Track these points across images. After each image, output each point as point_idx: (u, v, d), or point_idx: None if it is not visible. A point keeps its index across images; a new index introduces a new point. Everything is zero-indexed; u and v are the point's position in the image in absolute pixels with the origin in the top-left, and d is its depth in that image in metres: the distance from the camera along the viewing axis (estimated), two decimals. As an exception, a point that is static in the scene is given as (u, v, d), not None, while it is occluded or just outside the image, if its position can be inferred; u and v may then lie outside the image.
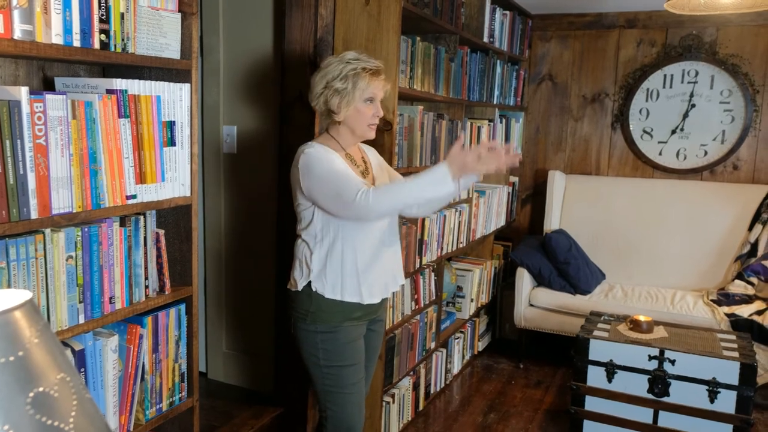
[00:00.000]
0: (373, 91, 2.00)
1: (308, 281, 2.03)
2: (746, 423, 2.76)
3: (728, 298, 3.68)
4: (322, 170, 1.93)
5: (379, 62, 2.05)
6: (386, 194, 1.89)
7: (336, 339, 2.04)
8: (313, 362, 2.07)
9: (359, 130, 2.04)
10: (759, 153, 4.13)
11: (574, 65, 4.57)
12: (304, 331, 2.06)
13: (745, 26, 4.05)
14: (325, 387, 2.08)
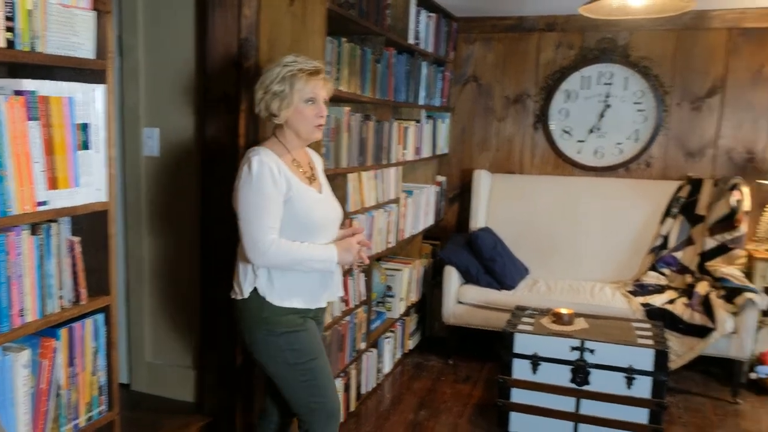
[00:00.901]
0: (312, 91, 2.00)
1: (254, 287, 2.01)
2: (661, 406, 2.92)
3: (643, 289, 3.87)
4: (254, 195, 1.93)
5: (317, 62, 2.05)
6: (286, 255, 1.94)
7: (301, 337, 2.04)
8: (283, 365, 2.03)
9: (304, 132, 2.05)
10: (669, 151, 4.36)
11: (497, 67, 4.69)
12: (263, 338, 2.02)
13: (655, 31, 4.27)
14: (305, 383, 2.05)
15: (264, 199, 1.93)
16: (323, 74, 2.04)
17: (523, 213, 4.40)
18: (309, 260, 1.98)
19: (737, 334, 3.50)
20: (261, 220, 1.92)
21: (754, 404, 3.61)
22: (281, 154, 2.04)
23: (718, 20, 4.15)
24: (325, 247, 2.03)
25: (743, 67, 4.17)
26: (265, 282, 2.00)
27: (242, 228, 1.96)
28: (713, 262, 3.91)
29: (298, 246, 1.98)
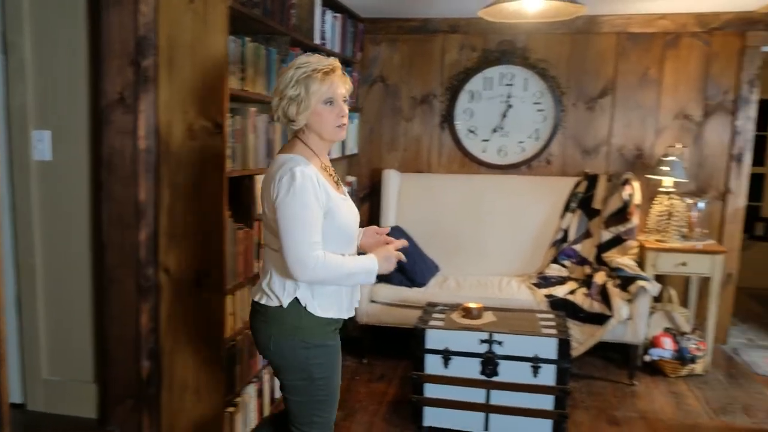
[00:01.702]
0: (329, 91, 1.91)
1: (295, 298, 1.95)
2: (565, 392, 3.05)
3: (546, 281, 4.05)
4: (298, 207, 1.84)
5: (332, 60, 1.96)
6: (331, 270, 1.88)
7: (328, 352, 2.02)
8: (304, 378, 1.99)
9: (326, 134, 1.96)
10: (567, 149, 4.58)
11: (403, 68, 4.76)
12: (292, 346, 1.96)
13: (551, 34, 4.48)
14: (317, 398, 2.02)
15: (308, 213, 1.85)
16: (339, 71, 1.94)
17: (432, 211, 4.49)
18: (355, 274, 1.94)
19: (632, 320, 3.73)
20: (306, 235, 1.84)
21: (648, 385, 3.86)
22: (310, 159, 1.94)
23: (607, 25, 4.40)
24: (366, 259, 1.97)
25: (631, 70, 4.44)
26: (307, 292, 1.95)
27: (285, 242, 1.86)
28: (609, 253, 4.14)
29: (343, 260, 1.93)
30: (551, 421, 3.05)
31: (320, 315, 1.96)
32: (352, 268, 1.93)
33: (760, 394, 3.78)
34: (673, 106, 4.41)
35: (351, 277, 1.94)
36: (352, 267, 1.93)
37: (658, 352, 3.98)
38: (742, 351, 4.45)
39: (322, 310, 1.97)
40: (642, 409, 3.55)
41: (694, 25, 4.29)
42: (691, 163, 4.39)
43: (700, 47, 4.33)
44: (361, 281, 1.98)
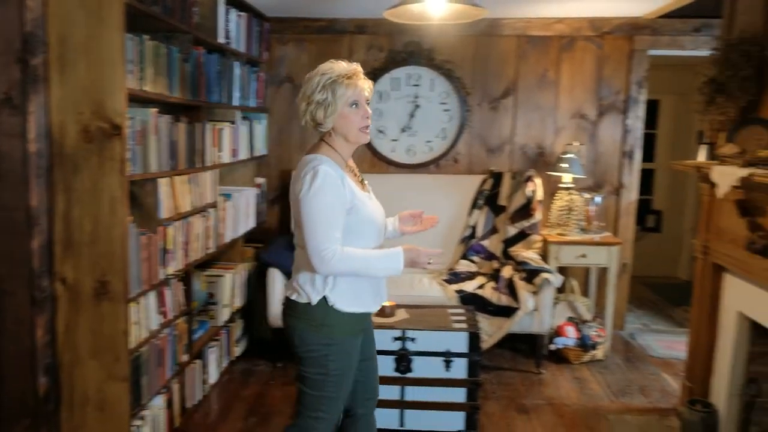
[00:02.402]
0: (354, 95, 2.01)
1: (324, 296, 2.06)
2: (476, 384, 3.14)
3: (456, 277, 4.15)
4: (322, 205, 1.95)
5: (355, 65, 2.06)
6: (349, 262, 1.98)
7: (346, 350, 2.12)
8: (320, 371, 2.10)
9: (352, 136, 2.06)
10: (473, 147, 4.71)
11: (311, 68, 4.64)
12: (315, 341, 2.08)
13: (456, 36, 4.59)
14: (326, 393, 2.12)
15: (328, 209, 1.96)
16: (362, 75, 2.05)
17: (344, 211, 4.49)
18: (377, 266, 2.03)
19: (537, 311, 3.89)
20: (325, 230, 1.95)
21: (554, 372, 4.04)
22: (338, 161, 2.05)
23: (508, 28, 4.56)
24: (391, 251, 2.04)
25: (531, 71, 4.63)
26: (334, 289, 2.05)
27: (306, 237, 1.97)
28: (515, 248, 4.30)
29: (364, 253, 2.03)
30: (464, 413, 3.13)
31: (345, 311, 2.07)
32: (374, 259, 2.03)
33: (655, 375, 4.04)
34: (569, 106, 4.64)
35: (373, 269, 2.04)
36: (375, 259, 2.03)
37: (562, 340, 4.17)
38: (638, 335, 4.74)
39: (347, 305, 2.07)
40: (549, 395, 3.71)
41: (588, 29, 4.53)
42: (588, 160, 4.63)
43: (593, 50, 4.57)
44: (385, 272, 2.06)
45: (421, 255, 2.08)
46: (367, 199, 2.12)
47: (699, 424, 3.15)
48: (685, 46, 4.48)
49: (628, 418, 3.42)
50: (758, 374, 3.01)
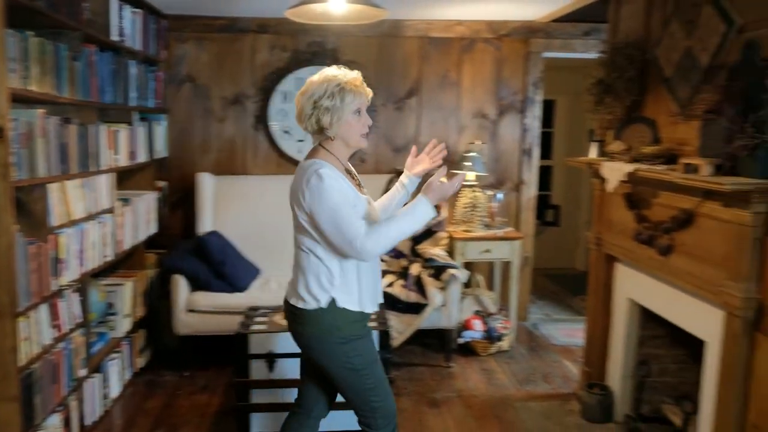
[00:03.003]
0: (359, 103, 2.06)
1: (332, 297, 2.09)
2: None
3: (366, 276, 4.17)
4: (334, 203, 1.99)
5: (357, 72, 2.10)
6: (381, 237, 2.00)
7: (365, 343, 2.18)
8: (350, 370, 2.14)
9: (353, 142, 2.12)
10: (379, 147, 4.76)
11: (213, 67, 4.61)
12: (332, 345, 2.12)
13: (359, 36, 4.61)
14: (368, 386, 2.17)
15: (341, 205, 2.00)
16: (360, 81, 2.09)
17: (251, 214, 4.41)
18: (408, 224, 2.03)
19: (446, 307, 3.98)
20: (348, 225, 1.98)
21: (463, 365, 4.15)
22: (336, 165, 2.09)
23: (411, 29, 4.64)
24: (414, 206, 2.04)
25: (433, 72, 4.73)
26: (340, 289, 2.10)
27: (331, 236, 2.01)
28: (422, 245, 4.38)
29: (388, 222, 2.03)
30: (376, 410, 3.15)
31: (351, 309, 2.11)
32: (403, 219, 2.04)
33: (557, 362, 4.24)
34: (471, 106, 4.78)
35: (407, 226, 2.04)
36: (403, 217, 2.04)
37: (470, 333, 4.29)
38: (541, 325, 4.96)
39: (355, 304, 2.12)
40: (458, 388, 3.80)
41: (487, 31, 4.68)
42: (489, 159, 4.78)
43: (492, 52, 4.73)
44: (421, 221, 2.06)
45: (445, 187, 2.06)
46: (364, 202, 2.14)
47: (597, 406, 3.34)
48: (576, 49, 4.72)
49: (533, 405, 3.56)
50: (648, 356, 3.22)
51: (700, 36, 2.61)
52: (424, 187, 2.08)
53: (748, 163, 2.19)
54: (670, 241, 2.73)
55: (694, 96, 2.62)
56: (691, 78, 2.66)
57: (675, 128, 2.82)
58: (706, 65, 2.56)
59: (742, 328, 2.33)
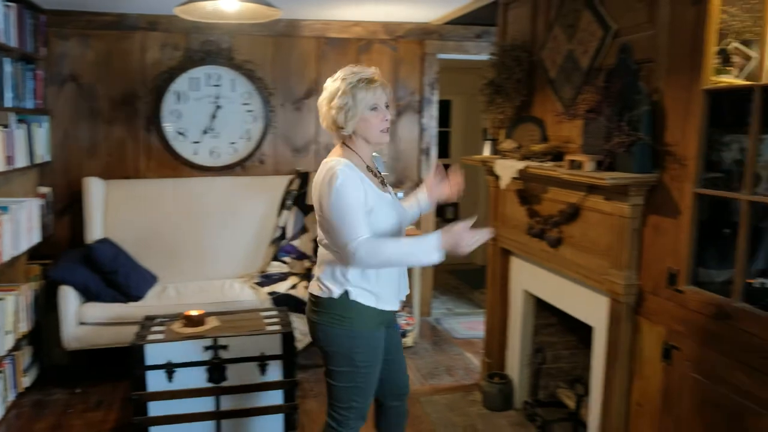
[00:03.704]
0: (374, 98, 2.08)
1: (345, 290, 2.12)
2: (293, 385, 3.14)
3: (269, 279, 4.11)
4: (341, 203, 2.01)
5: (373, 69, 2.12)
6: (376, 252, 2.01)
7: (371, 343, 2.18)
8: (349, 363, 2.16)
9: (373, 138, 2.13)
10: (278, 148, 4.70)
11: (99, 66, 4.37)
12: (339, 334, 2.15)
13: (255, 36, 4.53)
14: (357, 384, 2.19)
15: (351, 207, 2.01)
16: (381, 80, 2.11)
17: (145, 219, 4.23)
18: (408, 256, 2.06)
19: (350, 306, 3.98)
20: (349, 227, 2.01)
21: (368, 363, 4.17)
22: (357, 163, 2.11)
23: (307, 29, 4.61)
24: (424, 238, 2.06)
25: (331, 72, 4.62)
26: (355, 284, 2.11)
27: (334, 236, 2.05)
28: (325, 246, 4.36)
29: (394, 242, 2.07)
30: (282, 415, 3.11)
31: (365, 304, 2.12)
32: (406, 246, 2.07)
33: (459, 355, 4.36)
34: (370, 106, 4.81)
35: (406, 257, 2.07)
36: (407, 246, 2.07)
37: (375, 332, 4.32)
38: (443, 320, 5.08)
39: (366, 300, 2.13)
40: (364, 386, 3.82)
41: (383, 32, 4.73)
42: (390, 158, 4.85)
43: (389, 53, 4.79)
44: (423, 259, 2.09)
45: (464, 237, 2.03)
46: (384, 201, 2.15)
47: (497, 395, 3.47)
48: (469, 51, 4.88)
49: (437, 398, 3.65)
50: (543, 344, 3.39)
51: (581, 40, 2.77)
52: (445, 228, 2.06)
53: (625, 159, 2.35)
54: (559, 234, 2.88)
55: (576, 96, 2.77)
56: (573, 79, 2.82)
57: (561, 127, 2.97)
58: (587, 67, 2.73)
59: (625, 313, 2.49)
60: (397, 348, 2.43)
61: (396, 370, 2.42)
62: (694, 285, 2.22)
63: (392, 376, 2.40)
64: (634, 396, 2.53)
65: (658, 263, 2.36)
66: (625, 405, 2.57)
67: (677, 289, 2.25)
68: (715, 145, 2.16)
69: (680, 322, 2.25)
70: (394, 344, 2.40)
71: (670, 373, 2.32)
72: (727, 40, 2.00)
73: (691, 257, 2.21)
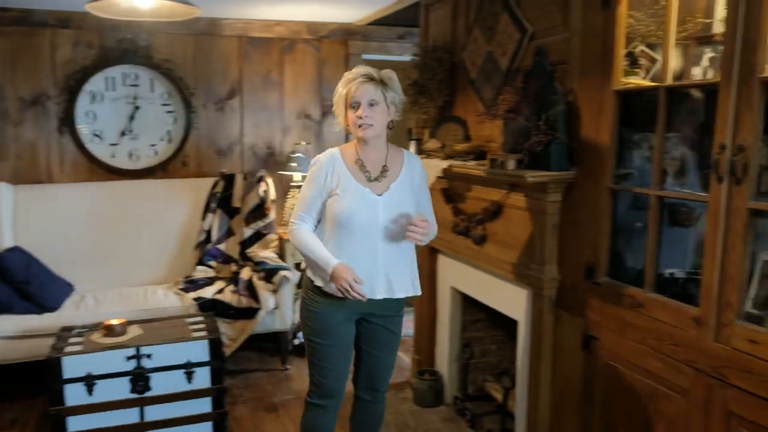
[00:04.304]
0: (353, 96, 2.20)
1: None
2: (221, 391, 3.08)
3: (194, 284, 4.00)
4: (303, 185, 2.34)
5: (361, 68, 2.23)
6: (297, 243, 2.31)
7: (318, 320, 2.34)
8: (306, 336, 2.40)
9: (353, 132, 2.26)
10: (201, 149, 4.59)
11: (5, 65, 4.13)
12: (301, 307, 2.43)
13: (174, 34, 4.40)
14: (313, 359, 2.39)
15: (304, 191, 2.32)
16: (362, 78, 2.20)
17: (60, 225, 4.03)
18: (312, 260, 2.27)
19: (279, 309, 3.94)
20: (297, 207, 2.33)
21: (299, 366, 4.14)
22: (348, 153, 2.30)
23: (228, 28, 4.53)
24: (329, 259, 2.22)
25: (254, 72, 4.66)
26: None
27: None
28: (252, 249, 4.30)
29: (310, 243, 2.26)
30: (211, 422, 3.05)
31: (315, 284, 2.31)
32: (312, 253, 2.25)
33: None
34: (295, 107, 4.78)
35: (311, 260, 2.27)
36: (313, 253, 2.25)
37: (304, 334, 4.29)
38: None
39: (316, 280, 2.31)
40: (296, 389, 3.79)
41: (306, 32, 4.70)
42: (316, 158, 4.82)
43: (313, 53, 4.77)
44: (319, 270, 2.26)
45: (344, 282, 2.17)
46: (359, 193, 2.24)
47: (428, 391, 3.51)
48: (393, 52, 4.92)
49: (369, 397, 3.66)
50: (471, 339, 3.46)
51: (499, 42, 2.85)
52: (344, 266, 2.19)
53: (543, 158, 2.43)
54: (484, 231, 2.95)
55: (496, 97, 2.85)
56: (493, 80, 2.90)
57: (482, 126, 3.05)
58: (506, 69, 2.81)
59: (547, 306, 2.59)
60: (382, 344, 2.44)
61: (373, 366, 2.47)
62: (611, 277, 2.32)
63: (368, 369, 2.48)
64: (558, 386, 2.62)
65: (577, 257, 2.46)
66: (550, 395, 2.66)
67: (595, 281, 2.36)
68: (626, 143, 2.28)
69: (598, 313, 2.35)
70: (377, 339, 2.43)
71: (589, 362, 2.42)
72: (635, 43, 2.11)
73: (607, 250, 2.32)
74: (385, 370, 2.51)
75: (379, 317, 2.39)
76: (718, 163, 1.80)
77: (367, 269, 2.25)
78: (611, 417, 2.33)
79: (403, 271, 2.34)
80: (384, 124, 2.28)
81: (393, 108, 2.29)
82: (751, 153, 1.72)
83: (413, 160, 2.39)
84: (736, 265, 1.79)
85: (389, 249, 2.28)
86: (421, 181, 2.39)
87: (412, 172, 2.35)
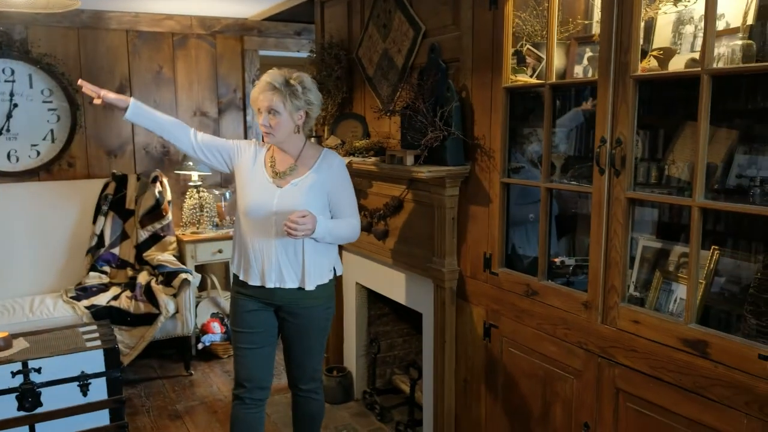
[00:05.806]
0: (255, 103, 2.28)
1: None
2: (119, 402, 2.94)
3: (86, 291, 3.80)
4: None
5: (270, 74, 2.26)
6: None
7: (234, 307, 2.46)
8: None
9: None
10: (90, 149, 4.34)
11: None
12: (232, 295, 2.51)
13: (54, 27, 4.13)
14: (232, 343, 2.50)
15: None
16: (264, 86, 2.24)
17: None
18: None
19: (180, 313, 3.82)
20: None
21: (204, 370, 4.04)
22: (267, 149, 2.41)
23: (115, 22, 4.30)
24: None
25: (145, 68, 4.46)
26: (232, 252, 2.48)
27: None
28: (149, 252, 4.13)
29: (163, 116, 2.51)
30: (110, 436, 2.91)
31: (233, 271, 2.45)
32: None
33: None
34: (189, 104, 4.62)
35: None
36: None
37: (209, 337, 4.18)
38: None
39: (233, 266, 2.45)
40: (201, 395, 3.69)
41: (199, 27, 4.56)
42: (215, 156, 4.69)
43: (207, 48, 4.63)
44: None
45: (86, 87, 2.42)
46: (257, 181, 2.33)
47: (337, 388, 3.52)
48: (290, 48, 4.86)
49: (278, 398, 3.61)
50: (377, 334, 3.50)
51: (395, 39, 2.88)
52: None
53: (440, 153, 2.50)
54: (386, 227, 2.99)
55: (394, 94, 2.89)
56: (390, 77, 2.94)
57: (381, 123, 3.08)
58: (402, 66, 2.85)
59: (449, 298, 2.66)
60: (294, 338, 2.46)
61: (289, 360, 2.55)
62: (507, 267, 2.42)
63: (289, 364, 2.56)
64: (462, 374, 2.71)
65: (475, 249, 2.55)
66: (455, 383, 2.74)
67: (492, 271, 2.45)
68: (517, 138, 2.38)
69: (496, 301, 2.45)
70: (291, 333, 2.45)
71: (490, 350, 2.51)
72: (522, 42, 2.20)
73: (502, 242, 2.41)
74: (295, 365, 2.53)
75: (286, 312, 2.42)
76: (599, 156, 1.92)
77: (261, 258, 2.34)
78: (513, 401, 2.44)
79: (295, 264, 2.35)
80: (287, 130, 2.28)
81: (301, 113, 2.28)
82: (628, 146, 1.85)
83: (329, 159, 2.39)
84: (618, 251, 1.92)
85: (284, 242, 2.31)
86: (338, 180, 2.39)
87: (326, 171, 2.35)
